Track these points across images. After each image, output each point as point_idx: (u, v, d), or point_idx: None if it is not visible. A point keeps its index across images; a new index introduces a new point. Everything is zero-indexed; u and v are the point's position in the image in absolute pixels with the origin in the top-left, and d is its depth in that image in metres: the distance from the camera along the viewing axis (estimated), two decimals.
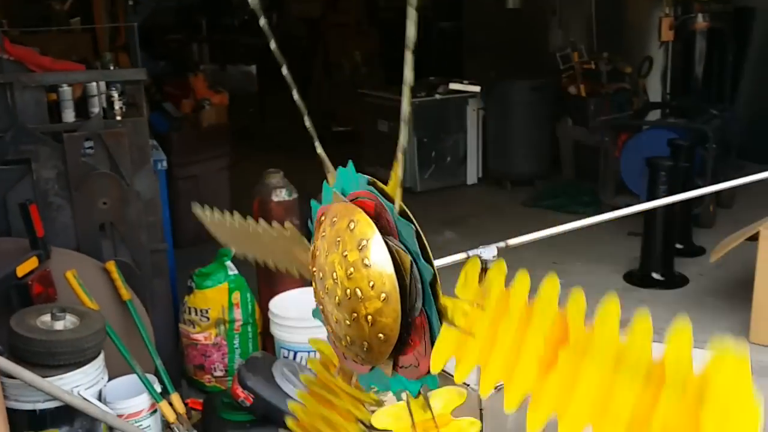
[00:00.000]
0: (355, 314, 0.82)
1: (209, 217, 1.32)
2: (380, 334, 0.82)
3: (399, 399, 0.92)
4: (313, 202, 1.01)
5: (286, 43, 11.13)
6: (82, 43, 5.57)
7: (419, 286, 0.81)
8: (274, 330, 3.19)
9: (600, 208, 4.99)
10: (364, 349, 0.85)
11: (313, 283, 0.93)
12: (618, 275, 4.22)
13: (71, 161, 2.88)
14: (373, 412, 1.01)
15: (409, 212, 0.84)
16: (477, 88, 6.03)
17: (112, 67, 4.17)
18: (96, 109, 3.18)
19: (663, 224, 4.11)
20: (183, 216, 4.10)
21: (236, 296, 3.20)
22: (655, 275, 4.13)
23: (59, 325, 2.48)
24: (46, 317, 2.51)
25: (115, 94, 3.23)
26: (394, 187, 0.85)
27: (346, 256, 0.83)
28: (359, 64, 9.93)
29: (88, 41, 5.73)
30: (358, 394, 1.06)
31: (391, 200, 0.84)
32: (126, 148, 2.96)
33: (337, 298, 0.85)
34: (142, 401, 2.65)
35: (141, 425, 2.64)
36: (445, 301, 0.81)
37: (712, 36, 5.92)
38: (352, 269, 0.82)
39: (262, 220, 1.21)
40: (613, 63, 5.83)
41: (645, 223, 4.15)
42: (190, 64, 7.97)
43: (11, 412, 2.35)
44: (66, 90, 3.13)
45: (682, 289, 4.01)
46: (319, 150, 1.00)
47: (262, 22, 0.99)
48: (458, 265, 0.87)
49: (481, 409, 0.90)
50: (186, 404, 2.88)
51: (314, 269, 0.91)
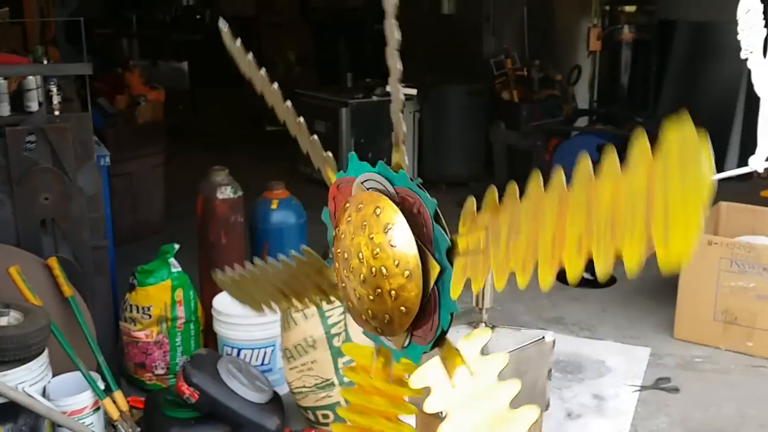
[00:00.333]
0: (379, 290, 0.92)
1: (229, 283, 1.37)
2: (402, 307, 0.91)
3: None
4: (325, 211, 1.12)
5: (218, 42, 11.10)
6: (11, 36, 5.43)
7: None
8: (218, 327, 3.21)
9: None
10: (385, 322, 0.94)
11: (336, 264, 0.99)
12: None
13: (13, 156, 2.83)
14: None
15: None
16: (413, 91, 6.11)
17: (45, 61, 4.10)
18: (34, 104, 3.13)
19: None
20: (117, 213, 4.06)
21: (179, 293, 3.19)
22: (586, 275, 4.21)
23: (3, 321, 2.45)
24: None
25: (54, 89, 3.20)
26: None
27: (373, 238, 0.92)
28: (293, 64, 9.93)
29: (18, 34, 5.59)
30: (398, 390, 1.12)
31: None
32: (69, 143, 2.93)
33: (362, 276, 0.93)
34: (86, 398, 2.64)
35: (84, 422, 2.63)
36: (453, 238, 0.90)
37: (637, 47, 6.19)
38: (378, 249, 0.91)
39: (280, 257, 1.29)
40: (544, 70, 6.02)
41: None
42: (120, 60, 7.84)
43: None
44: (2, 84, 3.08)
45: (611, 288, 4.18)
46: (312, 144, 1.06)
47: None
48: None
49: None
50: (127, 402, 2.86)
51: (338, 251, 0.98)
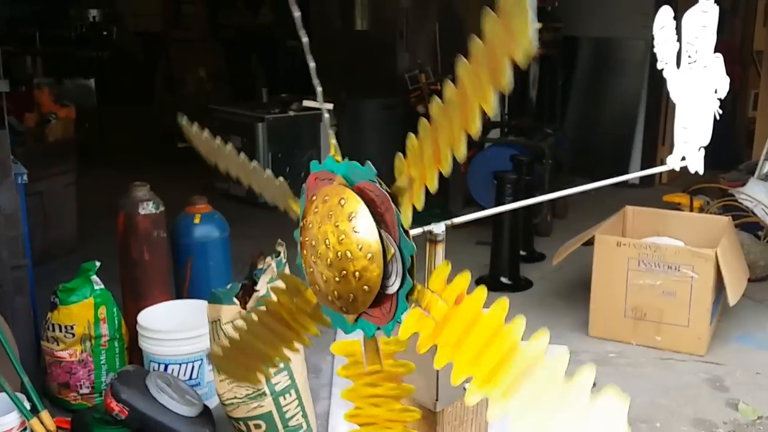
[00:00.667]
0: (345, 272, 1.01)
1: (193, 130, 1.44)
2: (365, 287, 1.01)
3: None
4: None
5: (122, 59, 10.85)
6: None
7: (398, 254, 0.98)
8: (143, 343, 3.18)
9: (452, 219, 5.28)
10: (350, 301, 1.04)
11: (304, 251, 1.06)
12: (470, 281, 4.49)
13: None
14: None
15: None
16: (330, 106, 6.19)
17: None
18: None
19: (509, 233, 4.44)
20: (29, 233, 3.97)
21: (102, 311, 3.15)
22: (504, 279, 4.45)
23: None
24: None
25: None
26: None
27: (338, 225, 1.02)
28: (204, 80, 9.85)
29: None
30: (392, 371, 1.21)
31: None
32: None
33: (329, 260, 1.03)
34: (12, 419, 2.58)
35: None
36: (417, 285, 0.98)
37: (544, 62, 6.43)
38: (343, 236, 1.01)
39: (255, 162, 1.35)
40: None
41: (494, 232, 4.46)
42: (24, 77, 7.62)
43: None
44: None
45: (528, 291, 4.33)
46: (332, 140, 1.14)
47: None
48: None
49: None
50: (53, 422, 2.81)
51: (306, 239, 1.05)
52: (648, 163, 6.92)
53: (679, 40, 1.40)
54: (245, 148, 6.18)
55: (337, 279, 1.03)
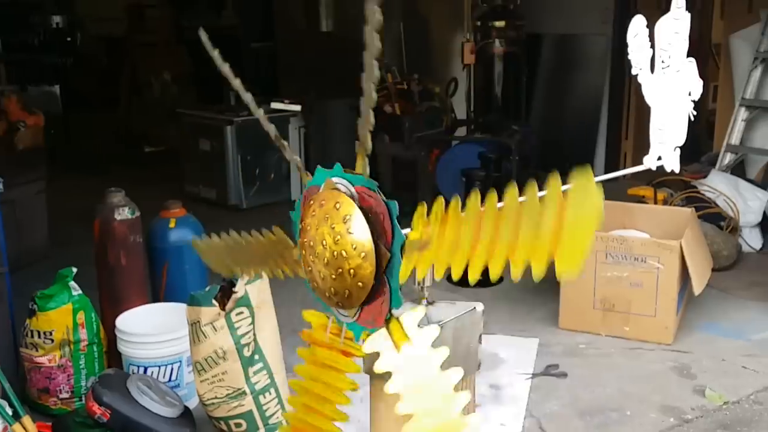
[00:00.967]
0: (340, 269, 1.09)
1: (203, 245, 1.51)
2: (359, 283, 1.09)
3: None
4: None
5: (86, 64, 10.76)
6: None
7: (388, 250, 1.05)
8: (122, 347, 3.21)
9: None
10: (345, 296, 1.11)
11: (302, 252, 1.13)
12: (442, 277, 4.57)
13: None
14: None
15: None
16: (297, 107, 6.24)
17: None
18: None
19: None
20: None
21: (81, 316, 3.17)
22: None
23: None
24: None
25: None
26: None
27: (334, 227, 1.09)
28: (170, 83, 9.82)
29: None
30: (347, 348, 1.30)
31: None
32: None
33: (326, 259, 1.11)
34: None
35: None
36: (394, 319, 1.07)
37: (508, 59, 6.52)
38: (339, 236, 1.09)
39: (254, 232, 1.41)
40: (423, 84, 6.26)
41: None
42: None
43: None
44: None
45: (499, 286, 4.41)
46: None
47: None
48: None
49: None
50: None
51: (305, 240, 1.12)
52: (612, 157, 7.06)
53: (653, 46, 1.48)
54: (214, 151, 6.23)
55: (334, 277, 1.11)
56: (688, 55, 1.52)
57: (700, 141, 6.69)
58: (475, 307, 1.64)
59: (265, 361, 2.88)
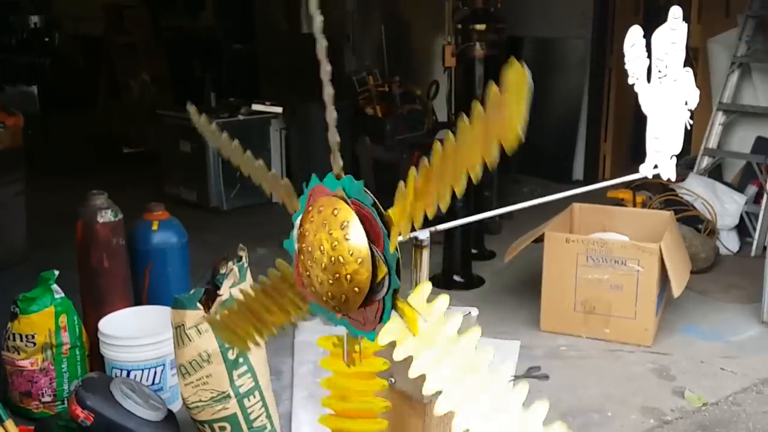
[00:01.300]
0: (338, 275, 1.12)
1: (201, 120, 1.51)
2: (356, 288, 1.12)
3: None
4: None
5: (64, 64, 10.67)
6: None
7: (383, 259, 1.07)
8: (105, 350, 3.20)
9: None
10: (342, 301, 1.14)
11: (301, 256, 1.15)
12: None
13: None
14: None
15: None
16: (279, 109, 6.24)
17: None
18: None
19: (461, 232, 4.55)
20: None
21: (63, 319, 3.16)
22: (457, 278, 4.56)
23: None
24: None
25: None
26: None
27: (332, 233, 1.12)
28: (148, 84, 9.76)
29: None
30: (369, 366, 1.36)
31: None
32: None
33: (324, 264, 1.13)
34: None
35: None
36: (400, 301, 1.10)
37: (489, 62, 6.54)
38: (336, 242, 1.11)
39: (259, 278, 1.43)
40: (405, 86, 6.28)
41: (445, 232, 4.55)
42: None
43: None
44: None
45: (480, 288, 4.45)
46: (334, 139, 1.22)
47: None
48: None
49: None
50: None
51: (303, 245, 1.14)
52: (591, 159, 7.11)
53: (649, 57, 1.51)
54: (195, 152, 6.20)
55: (331, 281, 1.13)
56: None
57: None
58: (470, 312, 1.67)
59: (249, 364, 2.88)
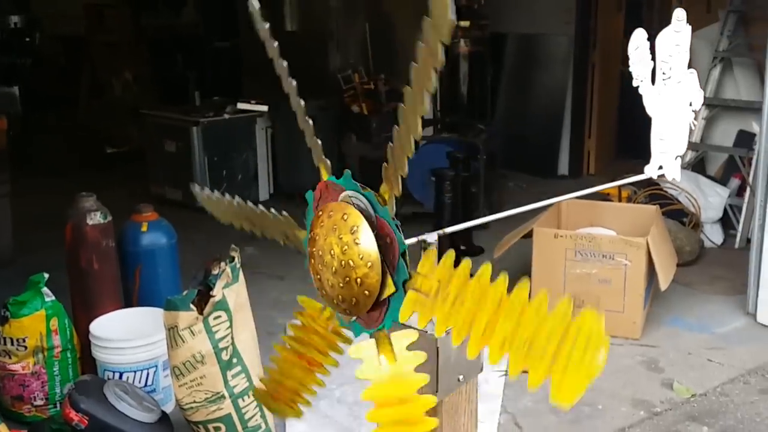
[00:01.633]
0: (348, 278, 1.14)
1: (204, 195, 1.51)
2: (366, 291, 1.14)
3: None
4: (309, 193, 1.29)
5: (45, 63, 10.59)
6: None
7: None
8: (97, 353, 3.19)
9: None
10: (353, 304, 1.16)
11: (312, 260, 1.18)
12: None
13: None
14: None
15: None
16: (264, 108, 6.23)
17: None
18: None
19: None
20: None
21: (54, 322, 3.15)
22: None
23: None
24: None
25: None
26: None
27: (342, 238, 1.13)
28: (131, 83, 9.71)
29: None
30: (333, 336, 1.36)
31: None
32: None
33: (334, 268, 1.15)
34: None
35: None
36: (412, 273, 1.11)
37: (473, 59, 6.57)
38: (346, 246, 1.13)
39: (260, 206, 1.41)
40: (390, 83, 6.29)
41: (434, 228, 4.56)
42: None
43: None
44: None
45: None
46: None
47: None
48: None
49: (437, 348, 1.20)
50: None
51: (314, 249, 1.15)
52: (576, 155, 7.17)
53: (653, 59, 1.53)
54: (180, 152, 6.18)
55: (342, 285, 1.15)
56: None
57: None
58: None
59: (243, 364, 2.89)
